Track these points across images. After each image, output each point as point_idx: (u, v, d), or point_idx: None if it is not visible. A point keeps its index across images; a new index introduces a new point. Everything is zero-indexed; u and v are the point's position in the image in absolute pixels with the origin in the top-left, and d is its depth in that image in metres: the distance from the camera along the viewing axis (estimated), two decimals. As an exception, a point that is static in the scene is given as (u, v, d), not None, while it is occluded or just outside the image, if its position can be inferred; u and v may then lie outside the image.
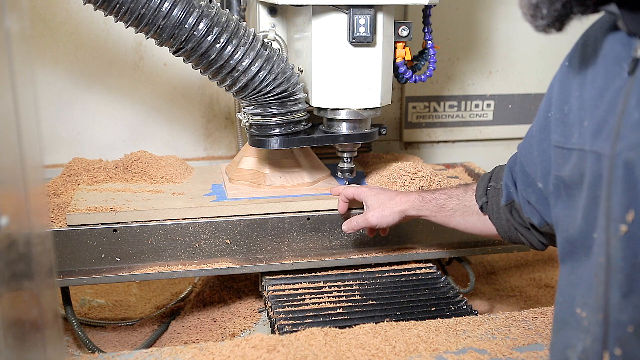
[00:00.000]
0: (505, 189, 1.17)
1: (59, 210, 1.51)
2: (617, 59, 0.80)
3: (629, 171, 0.72)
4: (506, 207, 1.17)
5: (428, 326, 1.23)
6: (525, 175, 1.09)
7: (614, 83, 0.80)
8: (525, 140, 1.10)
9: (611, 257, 0.76)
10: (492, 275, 2.14)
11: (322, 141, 1.54)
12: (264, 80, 1.42)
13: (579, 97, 0.90)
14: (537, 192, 1.05)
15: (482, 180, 1.28)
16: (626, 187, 0.73)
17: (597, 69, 0.85)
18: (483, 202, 1.24)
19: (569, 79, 0.94)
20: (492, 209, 1.23)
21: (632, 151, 0.72)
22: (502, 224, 1.22)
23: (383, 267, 1.62)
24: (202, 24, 1.35)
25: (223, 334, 1.60)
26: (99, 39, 1.97)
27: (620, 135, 0.75)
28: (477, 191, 1.27)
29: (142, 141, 2.06)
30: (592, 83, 0.86)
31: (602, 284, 0.78)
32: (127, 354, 1.13)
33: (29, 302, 0.70)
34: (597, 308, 0.79)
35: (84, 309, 1.89)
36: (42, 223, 0.73)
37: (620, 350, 0.75)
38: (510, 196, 1.16)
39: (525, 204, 1.11)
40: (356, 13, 1.40)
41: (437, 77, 2.13)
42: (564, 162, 0.92)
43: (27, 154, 0.66)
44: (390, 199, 1.39)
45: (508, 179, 1.17)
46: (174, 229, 1.48)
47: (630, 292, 0.74)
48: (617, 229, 0.74)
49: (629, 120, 0.73)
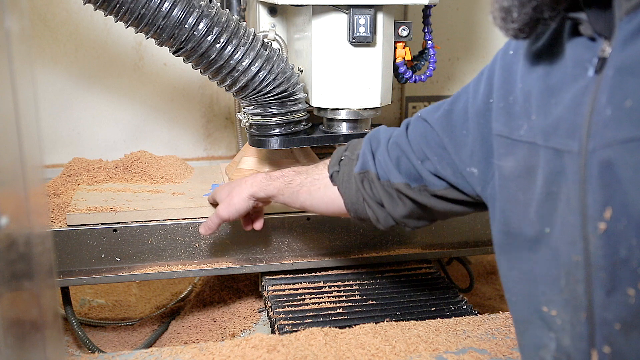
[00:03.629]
0: (362, 157, 1.13)
1: (59, 210, 1.51)
2: (579, 61, 0.80)
3: (606, 169, 0.72)
4: (359, 175, 1.13)
5: (428, 326, 1.23)
6: (440, 149, 1.03)
7: (575, 83, 0.80)
8: (444, 115, 1.04)
9: (591, 255, 0.76)
10: (492, 275, 2.14)
11: (322, 141, 1.54)
12: (264, 80, 1.42)
13: (522, 89, 0.89)
14: (453, 167, 1.02)
15: (336, 152, 1.21)
16: (602, 184, 0.73)
17: (552, 68, 0.85)
18: (334, 171, 1.18)
19: (512, 69, 0.92)
20: (343, 178, 1.17)
21: (608, 148, 0.72)
22: (351, 195, 1.16)
23: (383, 267, 1.62)
24: (202, 24, 1.35)
25: (223, 334, 1.60)
26: (99, 39, 1.97)
27: (592, 134, 0.74)
28: (330, 162, 1.21)
29: (142, 141, 2.06)
30: (542, 79, 0.85)
31: (581, 282, 0.78)
32: (127, 354, 1.13)
33: (29, 302, 0.69)
34: (578, 307, 0.79)
35: (84, 309, 1.89)
36: (42, 223, 0.73)
37: (609, 348, 0.75)
38: (366, 165, 1.12)
39: (428, 174, 1.06)
40: (356, 13, 1.40)
41: (437, 77, 2.13)
42: (506, 152, 0.91)
43: (27, 154, 0.66)
44: (237, 186, 1.31)
45: (366, 148, 1.13)
46: (174, 229, 1.48)
47: (614, 290, 0.73)
48: (596, 227, 0.74)
49: (600, 119, 0.73)
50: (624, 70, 0.71)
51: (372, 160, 1.12)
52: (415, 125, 1.09)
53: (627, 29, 0.72)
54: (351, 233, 1.58)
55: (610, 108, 0.72)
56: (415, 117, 1.11)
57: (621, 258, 0.72)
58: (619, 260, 0.72)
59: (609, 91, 0.73)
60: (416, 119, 1.10)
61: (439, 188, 1.06)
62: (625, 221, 0.71)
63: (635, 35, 0.71)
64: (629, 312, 0.72)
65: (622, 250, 0.71)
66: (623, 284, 0.72)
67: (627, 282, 0.72)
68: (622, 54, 0.72)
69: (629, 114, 0.70)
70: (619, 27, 0.73)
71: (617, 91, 0.72)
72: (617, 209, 0.71)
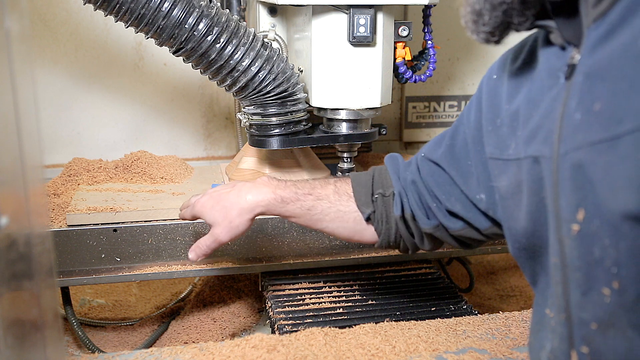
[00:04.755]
0: (399, 198, 1.12)
1: (59, 210, 1.51)
2: (552, 70, 0.83)
3: (577, 171, 0.73)
4: (400, 218, 1.12)
5: (428, 326, 1.23)
6: (449, 185, 1.05)
7: (550, 92, 0.82)
8: (447, 151, 1.06)
9: (566, 257, 0.77)
10: (492, 275, 2.14)
11: (322, 141, 1.54)
12: (264, 80, 1.42)
13: (508, 110, 0.92)
14: (463, 201, 1.04)
15: (361, 186, 1.16)
16: (574, 187, 0.74)
17: (533, 83, 0.87)
18: (370, 212, 1.14)
19: (498, 92, 0.95)
20: (381, 219, 1.15)
21: (579, 151, 0.73)
22: (390, 234, 1.15)
23: (383, 267, 1.62)
24: (202, 24, 1.35)
25: (223, 334, 1.60)
26: (99, 39, 1.97)
27: (563, 138, 0.76)
28: (358, 198, 1.16)
29: (142, 141, 2.06)
30: (525, 95, 0.88)
31: (559, 284, 0.79)
32: (127, 354, 1.13)
33: (29, 302, 0.70)
34: (559, 308, 0.80)
35: (84, 309, 1.89)
36: (42, 223, 0.73)
37: (587, 348, 0.76)
38: (404, 207, 1.12)
39: (444, 216, 1.07)
40: (356, 13, 1.41)
41: (437, 77, 2.13)
42: (499, 172, 0.94)
43: (27, 154, 0.66)
44: (235, 204, 1.16)
45: (399, 188, 1.12)
46: (174, 229, 1.48)
47: (589, 290, 0.74)
48: (569, 229, 0.75)
49: (570, 123, 0.75)
50: (592, 75, 0.73)
51: (407, 202, 1.12)
52: (422, 167, 1.11)
53: (594, 35, 0.74)
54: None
55: (580, 112, 0.74)
56: (420, 157, 1.13)
57: (595, 258, 0.73)
58: (593, 261, 0.73)
59: (579, 96, 0.75)
60: (422, 160, 1.11)
61: (457, 228, 1.07)
62: (597, 222, 0.71)
63: (602, 41, 0.72)
64: (605, 311, 0.73)
65: (596, 250, 0.72)
66: (598, 283, 0.73)
67: (602, 282, 0.73)
68: (590, 59, 0.74)
69: (597, 116, 0.71)
70: (587, 35, 0.75)
71: (585, 96, 0.74)
72: (589, 210, 0.72)
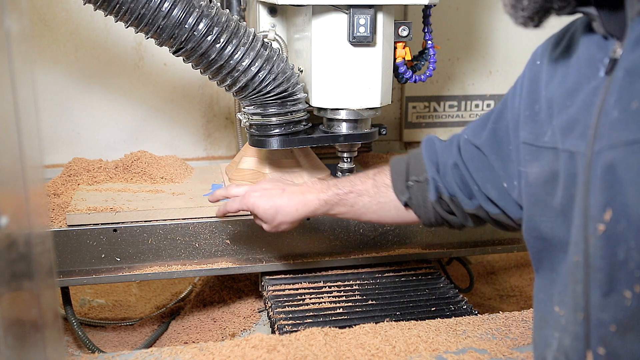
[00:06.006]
0: (433, 183, 1.14)
1: (59, 210, 1.51)
2: (592, 60, 0.81)
3: (608, 170, 0.72)
4: (436, 202, 1.14)
5: (428, 326, 1.23)
6: (488, 171, 1.05)
7: (588, 84, 0.80)
8: (491, 135, 1.05)
9: (590, 256, 0.76)
10: (492, 275, 2.14)
11: (322, 141, 1.54)
12: (264, 80, 1.42)
13: (545, 96, 0.90)
14: (499, 188, 1.04)
15: (397, 174, 1.20)
16: (604, 186, 0.73)
17: (568, 70, 0.86)
18: (407, 199, 1.19)
19: (538, 78, 0.94)
20: (418, 204, 1.18)
21: (612, 150, 0.72)
22: (429, 216, 1.18)
23: (383, 267, 1.62)
24: (202, 24, 1.35)
25: (223, 334, 1.60)
26: (99, 39, 1.97)
27: (598, 135, 0.75)
28: (396, 186, 1.21)
29: (142, 141, 2.06)
30: (560, 83, 0.87)
31: (580, 282, 0.78)
32: (127, 354, 1.13)
33: (29, 302, 0.69)
34: (576, 307, 0.79)
35: (84, 309, 1.89)
36: (42, 223, 0.73)
37: (603, 350, 0.76)
38: (440, 191, 1.13)
39: (483, 200, 1.08)
40: (356, 13, 1.40)
41: (437, 77, 2.13)
42: (531, 159, 0.92)
43: (27, 154, 0.66)
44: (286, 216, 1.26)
45: (434, 174, 1.14)
46: (174, 229, 1.48)
47: (611, 291, 0.74)
48: (595, 228, 0.74)
49: (607, 120, 0.74)
50: (634, 71, 0.72)
51: (443, 186, 1.13)
52: (465, 150, 1.11)
53: (638, 29, 0.72)
54: (351, 233, 1.58)
55: (617, 109, 0.72)
56: (462, 139, 1.12)
57: (619, 260, 0.72)
58: (616, 262, 0.72)
59: (618, 93, 0.73)
60: (464, 143, 1.11)
61: (494, 213, 1.08)
62: (624, 223, 0.71)
63: None
64: (625, 314, 0.73)
65: (620, 252, 0.71)
66: (620, 285, 0.72)
67: (624, 284, 0.72)
68: (633, 55, 0.72)
69: (634, 115, 0.70)
70: (631, 28, 0.73)
71: (625, 93, 0.72)
72: (617, 211, 0.71)
